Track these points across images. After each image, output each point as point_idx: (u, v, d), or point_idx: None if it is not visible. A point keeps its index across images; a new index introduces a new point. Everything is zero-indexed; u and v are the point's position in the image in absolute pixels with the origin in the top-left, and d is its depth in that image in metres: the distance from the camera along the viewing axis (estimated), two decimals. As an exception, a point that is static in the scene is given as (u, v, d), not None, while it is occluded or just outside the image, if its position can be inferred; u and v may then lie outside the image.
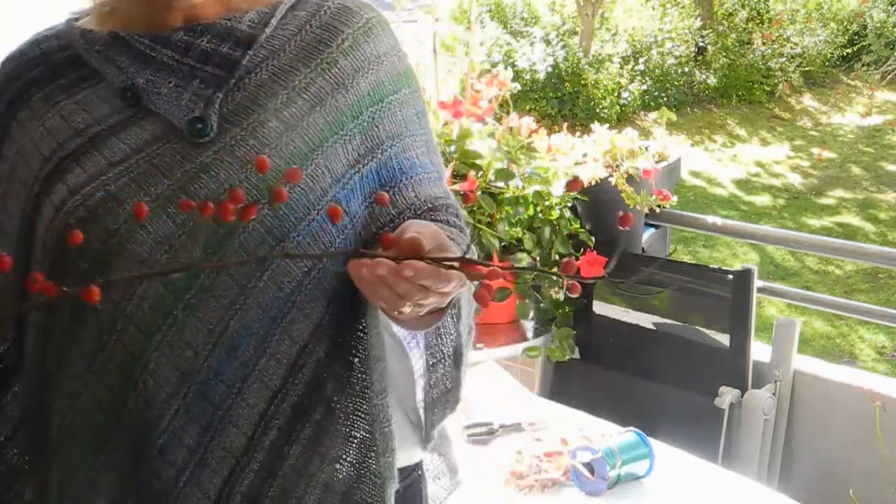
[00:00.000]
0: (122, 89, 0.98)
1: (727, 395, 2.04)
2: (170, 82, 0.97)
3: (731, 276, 2.14)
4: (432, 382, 1.06)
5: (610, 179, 2.18)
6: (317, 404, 0.97)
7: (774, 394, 2.11)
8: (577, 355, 2.30)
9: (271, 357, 0.95)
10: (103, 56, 0.99)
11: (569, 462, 1.54)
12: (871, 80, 10.41)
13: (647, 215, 2.27)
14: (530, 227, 2.21)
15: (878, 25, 11.89)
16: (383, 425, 0.99)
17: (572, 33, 12.58)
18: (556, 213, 2.23)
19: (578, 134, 2.39)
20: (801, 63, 12.58)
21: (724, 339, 2.12)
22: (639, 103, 11.64)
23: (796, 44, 12.74)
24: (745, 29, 13.18)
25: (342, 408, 0.98)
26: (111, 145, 0.96)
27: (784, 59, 12.62)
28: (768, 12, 13.31)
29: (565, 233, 2.25)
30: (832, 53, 12.99)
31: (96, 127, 0.97)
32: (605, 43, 12.48)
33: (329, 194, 0.97)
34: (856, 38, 12.61)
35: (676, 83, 12.07)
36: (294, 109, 0.98)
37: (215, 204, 0.64)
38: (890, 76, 9.76)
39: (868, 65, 10.50)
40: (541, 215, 2.22)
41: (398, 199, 1.03)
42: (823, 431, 2.15)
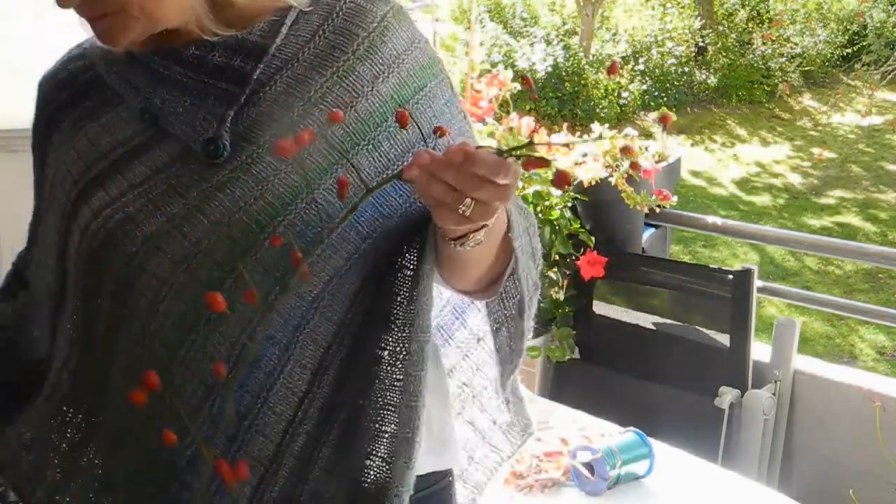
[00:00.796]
0: (141, 110, 0.97)
1: (727, 395, 2.04)
2: (185, 101, 0.96)
3: (731, 276, 2.13)
4: (497, 346, 1.07)
5: (610, 179, 2.18)
6: (343, 404, 0.96)
7: (774, 394, 2.11)
8: (577, 355, 2.30)
9: (296, 363, 0.95)
10: (122, 77, 0.99)
11: (569, 462, 1.54)
12: (871, 80, 10.41)
13: (647, 215, 2.27)
14: (530, 227, 2.21)
15: (878, 25, 11.89)
16: (415, 414, 0.96)
17: (572, 33, 12.58)
18: (556, 213, 2.23)
19: (578, 134, 2.39)
20: (801, 63, 12.58)
21: (724, 339, 2.12)
22: (639, 103, 11.64)
23: (796, 44, 12.73)
24: (745, 29, 13.18)
25: (371, 403, 0.96)
26: (133, 168, 0.97)
27: (784, 59, 12.62)
28: (768, 12, 13.30)
29: (565, 233, 2.25)
30: (832, 53, 12.99)
31: (120, 149, 0.98)
32: (605, 43, 12.48)
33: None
34: (856, 38, 12.61)
35: (676, 83, 12.06)
36: (311, 122, 0.95)
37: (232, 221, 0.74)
38: (890, 76, 9.76)
39: (868, 65, 10.50)
40: (541, 215, 2.22)
41: None
42: (823, 431, 2.15)
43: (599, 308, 2.31)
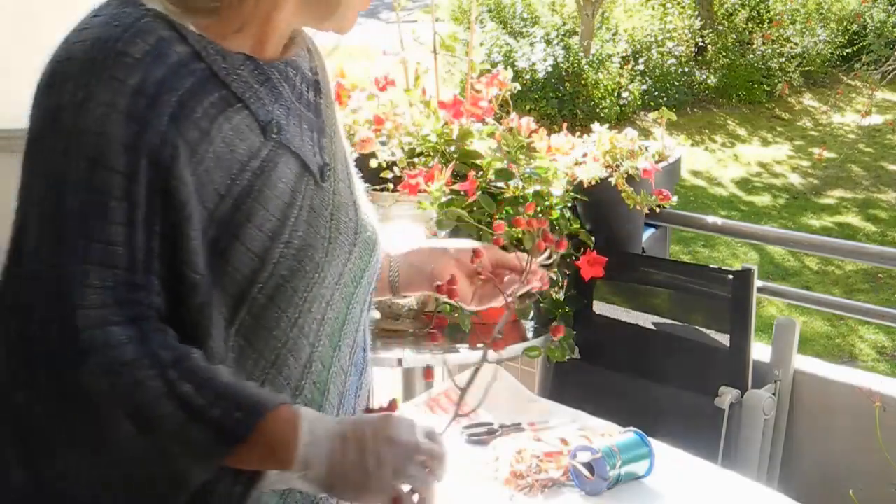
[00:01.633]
0: (267, 122, 0.96)
1: (727, 395, 2.04)
2: (291, 120, 0.99)
3: (731, 276, 2.13)
4: None
5: (610, 179, 2.18)
6: None
7: (774, 394, 2.11)
8: (577, 355, 2.30)
9: (369, 365, 1.13)
10: (245, 83, 0.95)
11: (569, 462, 1.54)
12: (871, 80, 10.41)
13: (647, 215, 2.27)
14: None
15: (878, 25, 11.89)
16: None
17: (572, 33, 12.57)
18: (556, 213, 2.23)
19: (578, 134, 2.39)
20: (801, 63, 12.57)
21: (724, 339, 2.12)
22: (639, 103, 11.63)
23: (796, 44, 12.72)
24: (745, 29, 13.17)
25: None
26: (273, 184, 0.95)
27: (784, 59, 12.61)
28: (768, 12, 13.29)
29: (565, 233, 2.25)
30: (832, 53, 12.97)
31: (256, 161, 0.94)
32: (605, 43, 12.47)
33: None
34: (856, 38, 12.60)
35: (676, 83, 12.06)
36: (345, 151, 1.11)
37: (357, 241, 1.07)
38: (890, 76, 9.76)
39: (868, 65, 10.50)
40: (541, 215, 2.22)
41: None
42: (823, 431, 2.15)
43: (599, 308, 2.31)
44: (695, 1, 13.16)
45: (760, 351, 2.18)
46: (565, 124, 2.49)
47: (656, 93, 11.82)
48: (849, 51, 12.70)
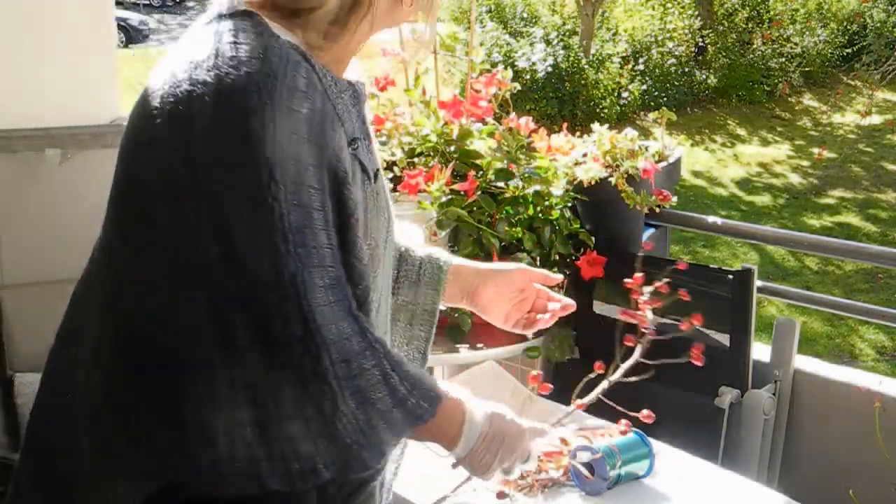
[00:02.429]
0: (352, 140, 1.08)
1: (727, 395, 2.04)
2: (361, 135, 1.12)
3: (731, 276, 2.13)
4: None
5: (610, 179, 2.18)
6: None
7: (774, 394, 2.11)
8: (577, 355, 2.30)
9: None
10: (344, 105, 1.08)
11: (569, 462, 1.53)
12: (871, 80, 10.42)
13: (647, 215, 2.27)
14: (530, 227, 2.21)
15: (878, 25, 11.89)
16: None
17: (572, 33, 12.58)
18: (556, 213, 2.23)
19: (578, 134, 2.38)
20: (801, 63, 12.58)
21: (724, 339, 2.12)
22: (639, 103, 11.63)
23: (796, 44, 12.73)
24: (745, 29, 13.18)
25: None
26: (356, 194, 1.07)
27: (784, 59, 12.62)
28: (768, 12, 13.30)
29: (565, 233, 2.25)
30: (832, 53, 12.98)
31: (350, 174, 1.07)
32: (605, 43, 12.47)
33: None
34: (856, 38, 12.61)
35: (676, 83, 12.06)
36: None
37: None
38: (890, 76, 9.76)
39: (868, 65, 10.51)
40: (541, 215, 2.22)
41: None
42: (823, 431, 2.15)
43: (599, 308, 2.30)
44: (695, 1, 13.16)
45: (760, 351, 2.18)
46: (565, 124, 2.49)
47: (656, 93, 11.82)
48: (849, 51, 12.71)
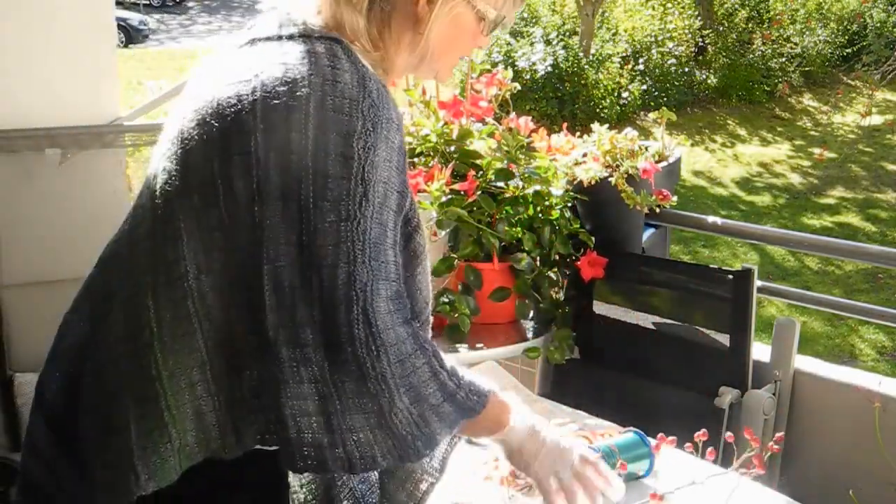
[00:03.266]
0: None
1: (727, 395, 2.04)
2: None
3: (731, 276, 2.13)
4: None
5: (610, 179, 2.18)
6: None
7: (774, 394, 2.11)
8: (577, 355, 2.30)
9: None
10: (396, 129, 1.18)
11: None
12: (871, 80, 10.41)
13: (647, 215, 2.27)
14: (530, 227, 2.21)
15: (878, 25, 11.89)
16: None
17: (572, 33, 12.57)
18: (556, 213, 2.23)
19: (578, 134, 2.38)
20: (801, 63, 12.56)
21: (724, 339, 2.12)
22: (639, 103, 11.63)
23: (796, 44, 12.72)
24: (745, 29, 13.17)
25: None
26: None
27: (784, 59, 12.61)
28: (768, 12, 13.29)
29: (565, 233, 2.25)
30: (832, 53, 12.97)
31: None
32: (605, 43, 12.46)
33: None
34: (856, 38, 12.61)
35: (676, 83, 12.06)
36: None
37: None
38: (890, 76, 9.76)
39: (868, 65, 10.50)
40: (541, 215, 2.22)
41: None
42: (823, 431, 2.15)
43: (599, 308, 2.30)
44: (695, 1, 13.15)
45: (760, 351, 2.18)
46: (565, 124, 2.49)
47: (656, 93, 11.82)
48: (849, 51, 12.70)
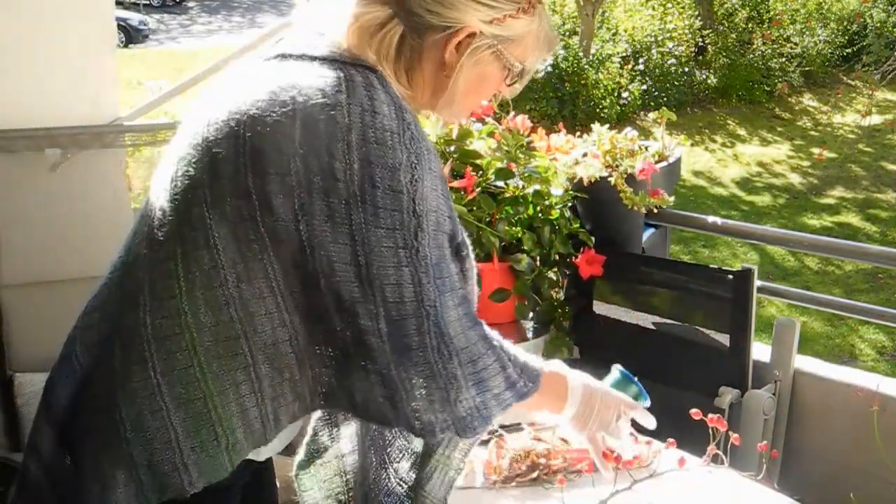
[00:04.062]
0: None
1: (727, 395, 2.04)
2: None
3: (731, 276, 2.13)
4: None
5: (609, 179, 2.18)
6: None
7: (774, 394, 2.11)
8: (577, 355, 2.30)
9: None
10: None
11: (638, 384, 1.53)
12: (871, 80, 10.41)
13: (647, 215, 2.27)
14: (530, 227, 2.21)
15: (878, 25, 11.89)
16: None
17: (572, 33, 12.57)
18: (556, 213, 2.23)
19: (578, 134, 2.38)
20: (801, 63, 12.56)
21: (724, 339, 2.12)
22: (639, 103, 11.63)
23: (796, 44, 12.72)
24: (745, 29, 13.17)
25: None
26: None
27: (784, 59, 12.61)
28: (768, 12, 13.30)
29: (565, 232, 2.25)
30: (832, 53, 12.97)
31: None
32: (605, 43, 12.46)
33: None
34: (856, 38, 12.60)
35: (676, 83, 12.05)
36: None
37: None
38: (890, 76, 9.76)
39: (868, 65, 10.50)
40: (541, 215, 2.22)
41: None
42: (823, 431, 2.15)
43: (599, 308, 2.30)
44: (695, 1, 13.15)
45: (760, 351, 2.18)
46: (562, 124, 2.49)
47: (656, 93, 11.81)
48: (849, 51, 12.70)
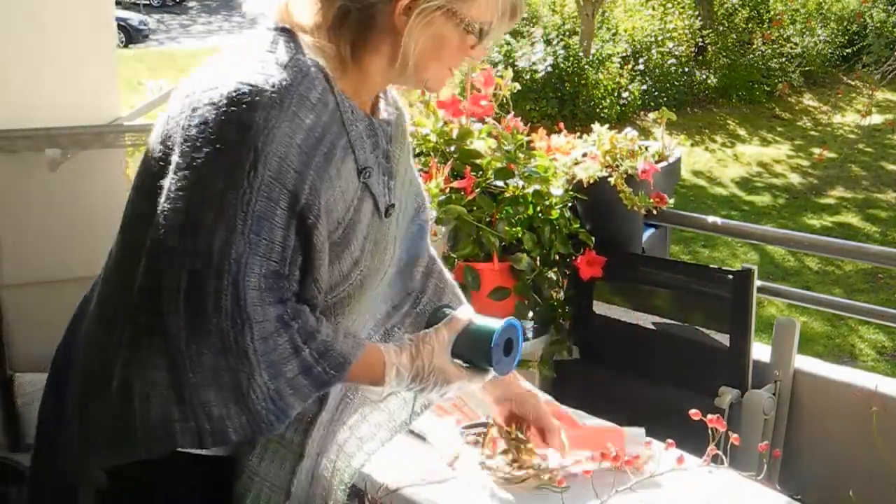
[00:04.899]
0: (363, 168, 1.18)
1: (727, 395, 2.04)
2: (377, 168, 1.22)
3: (731, 276, 2.13)
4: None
5: (609, 179, 2.18)
6: None
7: (774, 394, 2.11)
8: (577, 355, 2.30)
9: None
10: (358, 135, 1.18)
11: (493, 347, 1.34)
12: (871, 80, 10.41)
13: (647, 215, 2.27)
14: (530, 227, 2.21)
15: (878, 25, 11.89)
16: None
17: (572, 33, 12.57)
18: (556, 213, 2.23)
19: (578, 134, 2.38)
20: (801, 63, 12.56)
21: (724, 339, 2.12)
22: (639, 103, 11.63)
23: (796, 44, 12.72)
24: (745, 29, 13.17)
25: None
26: (360, 219, 1.19)
27: (784, 59, 12.60)
28: (768, 12, 13.29)
29: (565, 233, 2.25)
30: (832, 53, 12.97)
31: (355, 200, 1.18)
32: (605, 43, 12.46)
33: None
34: (856, 38, 12.60)
35: (676, 83, 12.05)
36: (405, 193, 1.33)
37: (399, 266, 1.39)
38: (890, 76, 9.76)
39: (868, 65, 10.49)
40: (540, 215, 2.22)
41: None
42: (823, 431, 2.15)
43: (599, 308, 2.30)
44: (695, 1, 13.15)
45: (760, 351, 2.18)
46: (562, 124, 2.49)
47: (656, 93, 11.82)
48: (849, 51, 12.70)
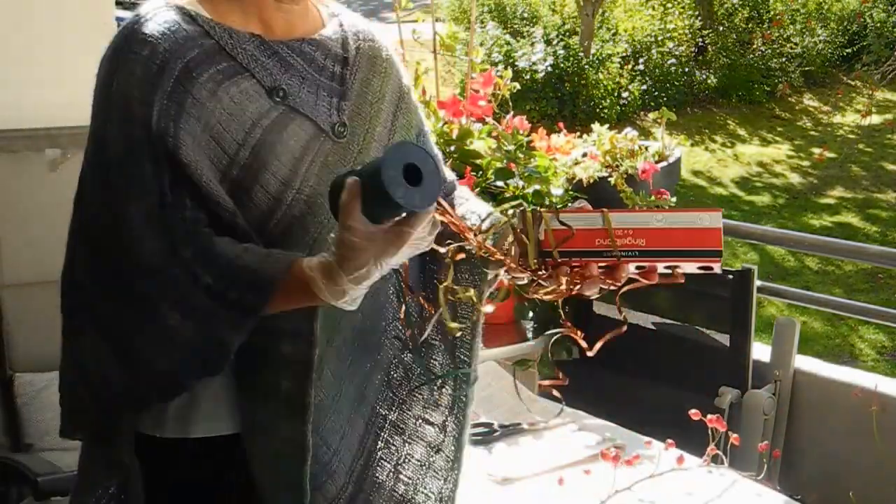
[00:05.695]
0: (272, 88, 1.13)
1: (727, 395, 2.04)
2: (304, 88, 1.16)
3: (731, 276, 2.13)
4: None
5: (609, 179, 2.18)
6: None
7: (774, 394, 2.11)
8: (576, 355, 2.30)
9: None
10: (251, 55, 1.13)
11: (384, 178, 1.34)
12: (871, 80, 10.40)
13: (647, 215, 2.27)
14: (530, 227, 2.21)
15: (878, 25, 11.89)
16: None
17: (572, 33, 12.56)
18: (555, 213, 2.22)
19: (578, 134, 2.39)
20: (801, 63, 12.55)
21: (724, 339, 2.12)
22: (639, 103, 11.63)
23: (796, 44, 12.71)
24: (745, 29, 13.15)
25: None
26: (286, 140, 1.13)
27: (784, 59, 12.60)
28: (768, 12, 13.28)
29: (565, 233, 2.25)
30: (832, 53, 12.96)
31: (266, 120, 1.12)
32: (605, 43, 12.46)
33: None
34: (856, 38, 12.60)
35: (676, 83, 12.04)
36: (384, 116, 1.25)
37: None
38: (890, 76, 9.75)
39: (868, 65, 10.49)
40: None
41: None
42: (823, 431, 2.15)
43: (599, 308, 2.30)
44: (695, 1, 13.15)
45: (760, 351, 2.18)
46: (562, 124, 2.49)
47: (656, 93, 11.81)
48: (849, 51, 12.69)
